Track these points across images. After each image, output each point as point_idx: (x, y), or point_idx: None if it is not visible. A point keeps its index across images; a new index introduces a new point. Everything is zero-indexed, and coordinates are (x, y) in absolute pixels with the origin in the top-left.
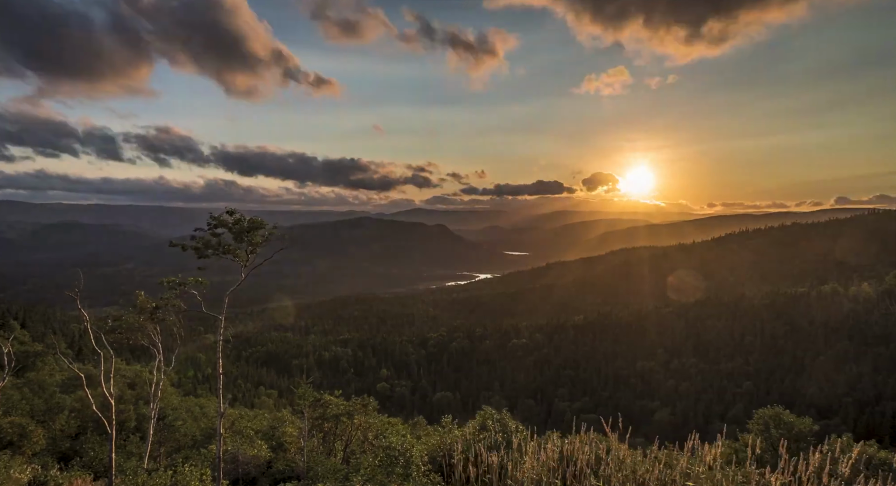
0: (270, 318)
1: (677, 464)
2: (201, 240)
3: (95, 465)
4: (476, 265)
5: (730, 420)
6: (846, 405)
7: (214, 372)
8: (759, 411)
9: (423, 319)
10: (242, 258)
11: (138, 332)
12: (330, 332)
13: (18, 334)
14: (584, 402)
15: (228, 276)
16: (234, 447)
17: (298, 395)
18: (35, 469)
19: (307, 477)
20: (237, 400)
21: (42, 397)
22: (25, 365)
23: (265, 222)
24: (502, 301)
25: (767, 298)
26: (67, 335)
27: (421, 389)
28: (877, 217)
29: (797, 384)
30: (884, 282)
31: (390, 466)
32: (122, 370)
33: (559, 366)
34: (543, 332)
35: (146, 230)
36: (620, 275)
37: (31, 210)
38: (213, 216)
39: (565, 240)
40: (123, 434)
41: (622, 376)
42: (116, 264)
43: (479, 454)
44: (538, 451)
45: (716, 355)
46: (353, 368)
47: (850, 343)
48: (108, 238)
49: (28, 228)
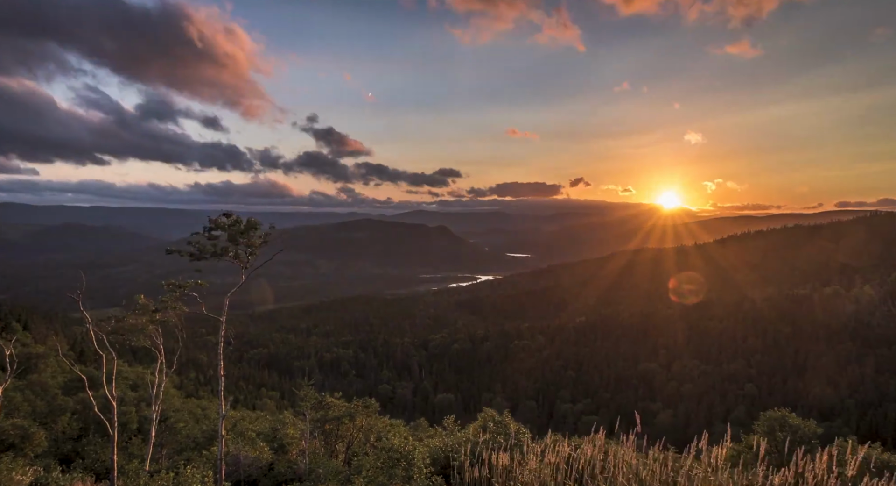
0: (272, 319)
1: (681, 466)
2: (197, 244)
3: (97, 467)
4: (478, 267)
5: (732, 422)
6: (849, 406)
7: (216, 374)
8: (765, 413)
9: (424, 320)
10: (242, 260)
11: (140, 334)
12: (331, 333)
13: (21, 335)
14: (586, 404)
15: (229, 277)
16: (235, 448)
17: (301, 396)
18: (37, 471)
19: (309, 479)
20: (239, 402)
21: (44, 399)
22: (28, 367)
23: (259, 223)
24: (504, 303)
25: (770, 299)
26: (69, 337)
27: (422, 390)
28: (879, 219)
29: (799, 386)
30: (886, 284)
31: (392, 468)
32: (124, 372)
33: (561, 367)
34: (545, 333)
35: (148, 232)
36: (622, 276)
37: (33, 212)
38: (210, 219)
39: (567, 242)
40: (125, 436)
41: (624, 377)
42: (118, 266)
43: (481, 455)
44: (541, 453)
45: (718, 357)
46: (354, 369)
47: (852, 345)
48: (110, 240)
49: (30, 230)
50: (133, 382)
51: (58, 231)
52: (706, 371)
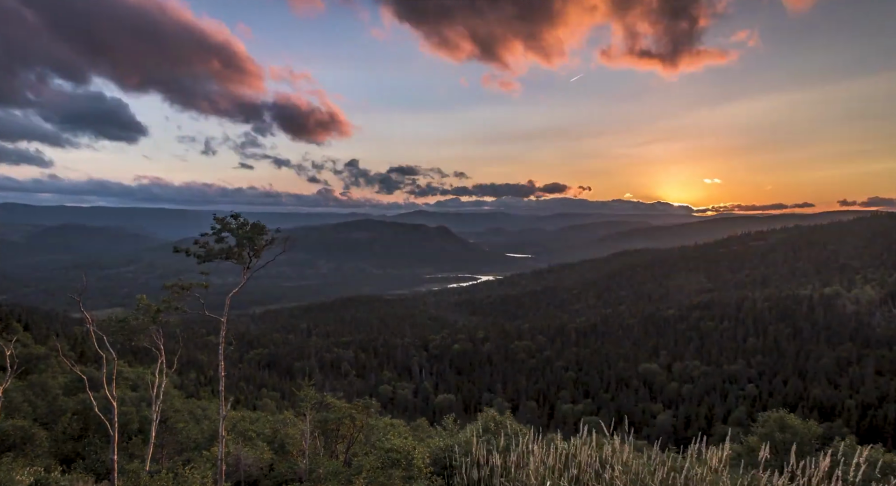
0: (272, 320)
1: (682, 467)
2: (205, 245)
3: (98, 467)
4: (478, 267)
5: (732, 423)
6: (849, 407)
7: (216, 374)
8: (764, 414)
9: (424, 321)
10: (244, 261)
11: (141, 334)
12: (332, 334)
13: (21, 336)
14: (587, 404)
15: (230, 278)
16: (236, 449)
17: (301, 397)
18: (37, 472)
19: (309, 479)
20: (239, 402)
21: (45, 400)
22: (28, 368)
23: (265, 226)
24: (504, 303)
25: (769, 299)
26: (70, 338)
27: (423, 391)
28: (879, 219)
29: (800, 387)
30: (886, 284)
31: (392, 468)
32: (125, 373)
33: (561, 368)
34: (546, 334)
35: (149, 232)
36: (623, 277)
37: (33, 212)
38: (216, 219)
39: (568, 242)
40: (126, 437)
41: (625, 378)
42: (118, 267)
43: (482, 456)
44: (542, 454)
45: (718, 358)
46: (354, 370)
47: (852, 345)
48: (110, 240)
49: (30, 230)
50: (133, 382)
51: (58, 231)
52: (707, 372)
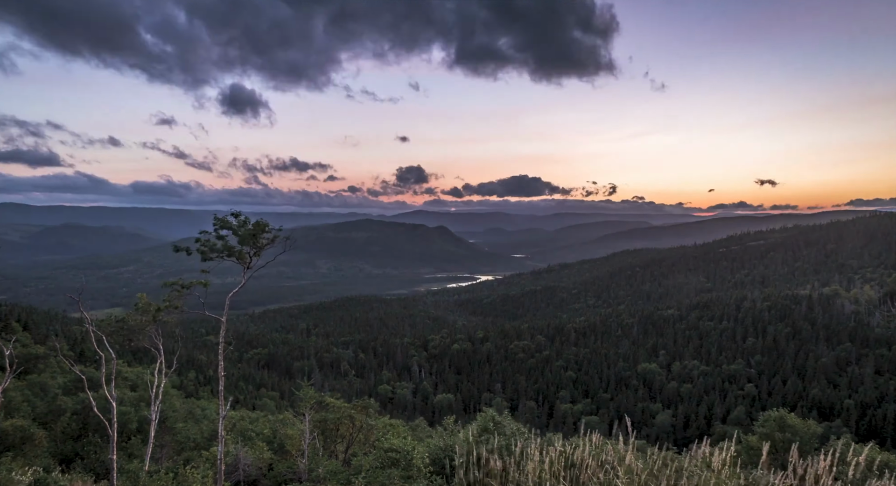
0: (272, 320)
1: (681, 466)
2: (206, 243)
3: (97, 467)
4: (477, 267)
5: (732, 422)
6: (848, 406)
7: (216, 374)
8: (764, 414)
9: (424, 320)
10: (245, 261)
11: (140, 334)
12: (331, 334)
13: (20, 336)
14: (586, 404)
15: (230, 278)
16: (235, 448)
17: (300, 397)
18: (37, 472)
19: (308, 479)
20: (238, 402)
21: (44, 400)
22: (28, 367)
23: (268, 224)
24: (504, 303)
25: (769, 300)
26: (69, 338)
27: (422, 391)
28: (878, 219)
29: (799, 386)
30: (886, 284)
31: (391, 468)
32: (124, 373)
33: (561, 368)
34: (545, 333)
35: (148, 232)
36: (622, 277)
37: (33, 212)
38: (217, 218)
39: (567, 242)
40: (125, 436)
41: (624, 377)
42: (118, 266)
43: (481, 456)
44: (540, 453)
45: (717, 357)
46: (354, 370)
47: (851, 345)
48: (110, 240)
49: (30, 230)
50: (133, 382)
51: (57, 231)
52: (706, 372)
